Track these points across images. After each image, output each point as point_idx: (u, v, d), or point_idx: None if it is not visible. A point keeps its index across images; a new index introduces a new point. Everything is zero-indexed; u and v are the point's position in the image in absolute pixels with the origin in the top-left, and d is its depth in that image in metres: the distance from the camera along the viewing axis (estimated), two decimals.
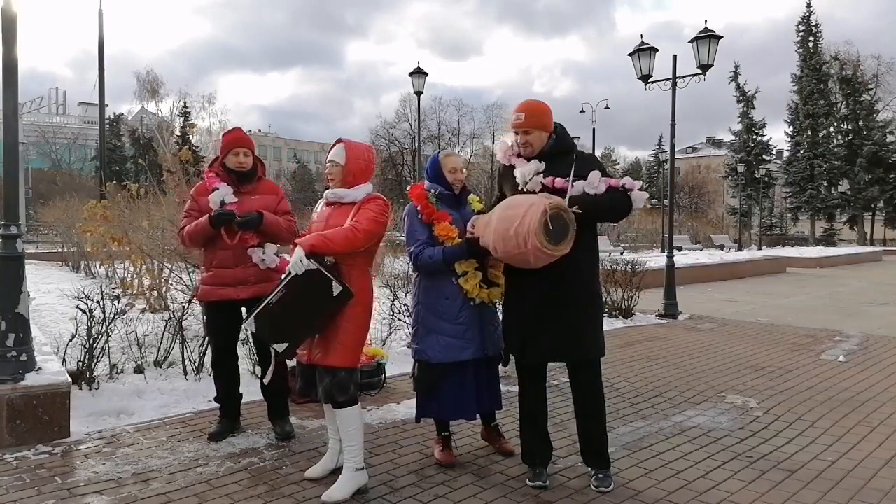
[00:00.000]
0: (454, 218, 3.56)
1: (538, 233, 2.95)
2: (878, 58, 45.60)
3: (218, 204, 3.83)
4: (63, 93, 51.80)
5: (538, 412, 3.48)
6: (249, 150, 3.96)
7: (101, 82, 15.13)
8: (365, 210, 3.26)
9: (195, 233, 3.86)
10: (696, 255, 20.63)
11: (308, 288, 3.09)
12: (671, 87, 9.93)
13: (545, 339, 3.27)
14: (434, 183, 3.64)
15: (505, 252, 3.15)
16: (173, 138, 36.83)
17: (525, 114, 3.30)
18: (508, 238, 3.05)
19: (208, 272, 3.96)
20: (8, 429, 3.75)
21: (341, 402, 3.22)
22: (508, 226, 3.05)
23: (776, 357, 6.62)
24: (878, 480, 3.52)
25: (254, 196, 3.93)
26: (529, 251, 3.01)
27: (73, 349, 4.81)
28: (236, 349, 4.20)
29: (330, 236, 3.15)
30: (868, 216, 46.55)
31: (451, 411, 3.62)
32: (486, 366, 3.65)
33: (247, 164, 3.94)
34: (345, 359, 3.21)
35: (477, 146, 54.27)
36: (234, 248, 3.82)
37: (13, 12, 4.02)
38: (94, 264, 13.42)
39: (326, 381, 3.21)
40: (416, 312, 3.65)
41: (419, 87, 16.75)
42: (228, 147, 3.92)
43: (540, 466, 3.44)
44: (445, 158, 3.69)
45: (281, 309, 3.14)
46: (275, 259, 3.89)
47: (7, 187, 4.16)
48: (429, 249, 3.49)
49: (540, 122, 3.32)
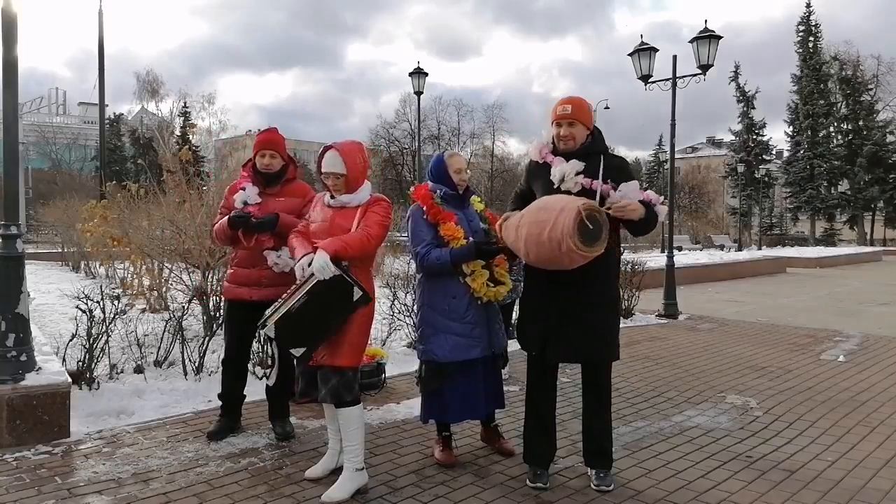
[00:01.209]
0: (459, 218, 3.58)
1: (573, 235, 2.94)
2: (878, 58, 45.68)
3: (241, 204, 3.87)
4: (63, 93, 51.93)
5: (546, 411, 3.48)
6: (277, 152, 3.96)
7: (101, 82, 15.15)
8: (372, 214, 3.26)
9: (220, 231, 3.92)
10: (696, 255, 20.66)
11: (330, 293, 3.08)
12: (671, 87, 9.93)
13: (569, 339, 3.27)
14: (438, 183, 3.64)
15: (538, 256, 3.13)
16: (173, 138, 36.88)
17: (572, 106, 3.28)
18: (542, 243, 3.04)
19: (231, 270, 4.03)
20: (8, 429, 3.75)
21: (348, 402, 3.22)
22: (540, 230, 3.03)
23: (776, 357, 6.62)
24: (878, 480, 3.52)
25: (279, 198, 3.93)
26: (564, 254, 3.00)
27: (73, 349, 4.81)
28: (248, 350, 4.20)
29: (349, 241, 3.14)
30: (868, 216, 46.54)
31: (459, 412, 3.63)
32: (490, 365, 3.67)
33: (273, 167, 3.95)
34: (351, 359, 3.23)
35: (477, 146, 54.28)
36: (251, 249, 3.85)
37: (13, 12, 4.02)
38: (94, 264, 13.43)
39: (334, 382, 3.20)
40: (422, 314, 3.65)
41: (419, 87, 16.75)
42: (258, 148, 3.95)
43: (541, 468, 3.43)
44: (450, 159, 3.70)
45: (303, 314, 3.11)
46: (289, 262, 3.85)
47: (7, 187, 4.16)
48: (435, 251, 3.49)
49: (584, 117, 3.31)
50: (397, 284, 6.71)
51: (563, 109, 3.29)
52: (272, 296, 3.75)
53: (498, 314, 3.72)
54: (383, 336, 6.22)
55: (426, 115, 48.15)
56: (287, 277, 3.88)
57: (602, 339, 3.30)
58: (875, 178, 44.27)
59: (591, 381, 3.43)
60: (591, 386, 3.43)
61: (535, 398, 3.48)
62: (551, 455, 3.51)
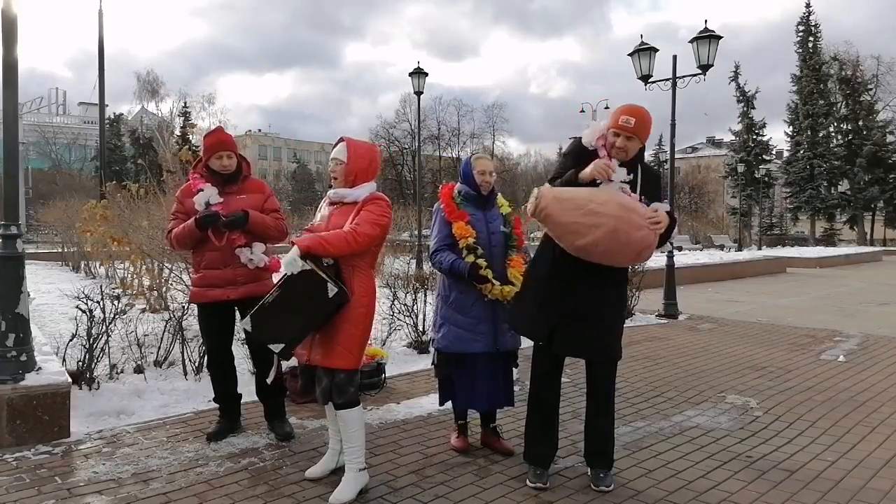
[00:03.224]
0: (475, 218, 3.71)
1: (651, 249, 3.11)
2: (878, 58, 45.66)
3: (203, 205, 3.81)
4: (63, 93, 52.01)
5: (549, 409, 3.47)
6: (232, 152, 3.93)
7: (101, 82, 15.16)
8: (365, 213, 3.22)
9: (182, 235, 3.85)
10: (696, 255, 20.64)
11: (303, 288, 3.08)
12: (671, 87, 9.93)
13: (579, 333, 3.25)
14: (464, 184, 3.79)
15: (606, 252, 3.09)
16: (173, 138, 36.89)
17: (636, 119, 3.13)
18: (626, 243, 3.06)
19: (197, 274, 3.96)
20: (8, 429, 3.75)
21: (340, 404, 3.20)
22: (630, 232, 3.03)
23: (776, 357, 6.62)
24: (878, 481, 3.52)
25: (240, 196, 3.91)
26: (626, 261, 3.20)
27: (73, 349, 4.81)
28: (231, 349, 4.20)
29: (328, 238, 3.13)
30: (868, 216, 46.52)
31: (464, 400, 3.79)
32: (500, 362, 3.75)
33: (230, 167, 3.91)
34: (344, 361, 3.18)
35: (477, 146, 54.26)
36: (222, 250, 3.81)
37: (13, 13, 4.01)
38: (94, 264, 13.43)
39: (325, 383, 3.21)
40: (437, 304, 3.85)
41: (419, 87, 16.75)
42: (210, 151, 3.88)
43: (542, 467, 3.43)
44: (476, 161, 3.84)
45: (276, 309, 3.13)
46: (263, 258, 3.88)
47: (7, 187, 4.16)
48: (443, 254, 3.68)
49: (645, 133, 3.20)
50: (397, 284, 6.71)
51: (626, 121, 3.14)
52: (250, 293, 3.79)
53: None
54: (383, 336, 6.21)
55: (426, 115, 48.27)
56: (261, 273, 3.89)
57: (610, 338, 3.32)
58: (875, 178, 44.24)
59: (595, 381, 3.42)
60: (594, 386, 3.43)
61: (539, 394, 3.46)
62: (552, 455, 3.51)
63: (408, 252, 13.01)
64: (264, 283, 3.85)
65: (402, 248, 13.40)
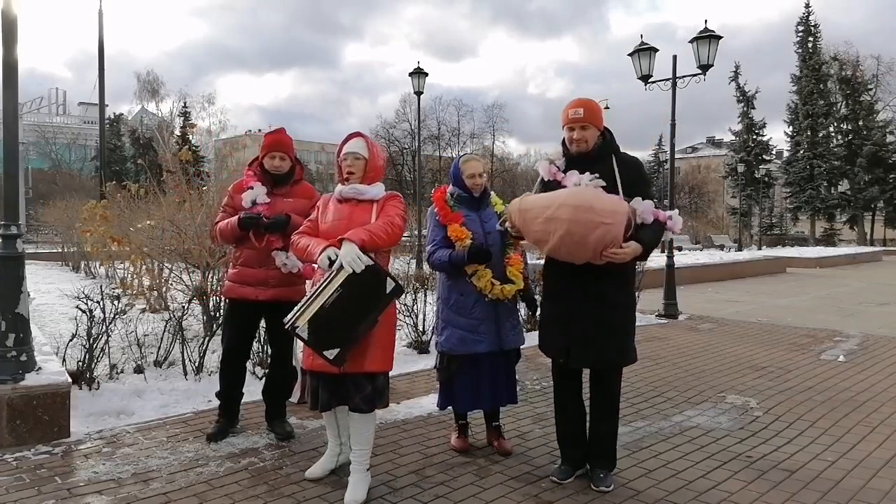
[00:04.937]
0: (469, 219, 3.69)
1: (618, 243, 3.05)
2: (878, 58, 45.65)
3: (249, 203, 3.86)
4: (63, 93, 52.02)
5: (573, 411, 3.52)
6: (287, 154, 3.97)
7: (101, 82, 15.16)
8: (391, 206, 3.24)
9: (225, 231, 3.90)
10: (696, 255, 20.64)
11: (362, 287, 2.92)
12: (671, 87, 9.93)
13: (593, 344, 3.27)
14: (455, 186, 3.78)
15: (569, 254, 3.11)
16: (173, 138, 36.86)
17: (584, 109, 3.26)
18: (583, 244, 3.03)
19: (234, 269, 4.00)
20: (8, 429, 3.75)
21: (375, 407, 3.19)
22: (586, 232, 3.00)
23: (776, 357, 6.62)
24: (878, 481, 3.52)
25: (287, 199, 3.94)
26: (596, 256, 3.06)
27: (73, 349, 4.81)
28: (248, 350, 4.20)
29: (374, 230, 3.06)
30: (868, 216, 46.52)
31: (467, 403, 3.78)
32: (502, 360, 3.76)
33: (282, 168, 3.96)
34: (382, 363, 3.16)
35: (477, 146, 54.26)
36: (260, 250, 3.85)
37: (13, 13, 4.01)
38: (94, 264, 13.43)
39: (368, 389, 3.11)
40: (438, 308, 3.84)
41: (419, 87, 16.74)
42: (266, 149, 3.95)
43: (566, 464, 3.48)
44: (464, 164, 3.81)
45: (335, 310, 2.90)
46: (297, 263, 3.86)
47: (7, 187, 4.16)
48: (440, 251, 3.67)
49: (596, 119, 3.29)
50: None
51: (574, 113, 3.27)
52: (279, 296, 3.82)
53: (512, 312, 3.79)
54: None
55: (426, 115, 48.23)
56: (294, 278, 3.90)
57: (623, 345, 3.34)
58: (875, 178, 44.23)
59: (601, 383, 3.43)
60: (600, 388, 3.44)
61: (562, 402, 3.54)
62: (578, 458, 3.50)
63: (408, 252, 13.00)
64: (296, 289, 3.87)
65: (402, 248, 13.38)
